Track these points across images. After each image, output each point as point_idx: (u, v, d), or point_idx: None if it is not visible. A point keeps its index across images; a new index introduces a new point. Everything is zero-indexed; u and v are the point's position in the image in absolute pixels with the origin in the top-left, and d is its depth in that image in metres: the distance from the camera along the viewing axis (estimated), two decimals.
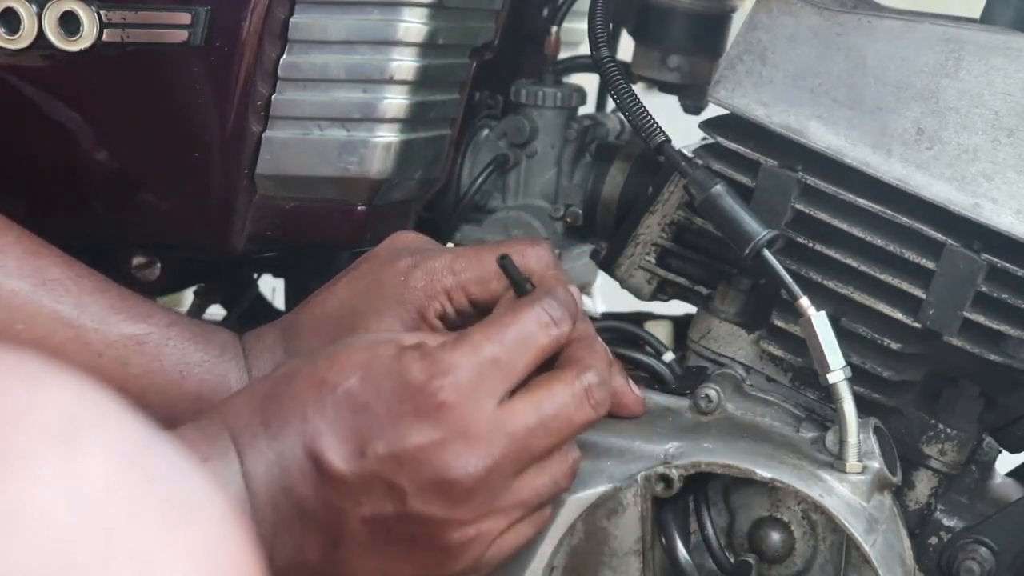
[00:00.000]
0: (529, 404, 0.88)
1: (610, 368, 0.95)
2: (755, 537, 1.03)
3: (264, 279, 1.37)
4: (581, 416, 0.90)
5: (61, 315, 0.97)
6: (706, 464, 0.98)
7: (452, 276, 0.97)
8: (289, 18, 1.04)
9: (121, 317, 0.98)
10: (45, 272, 0.97)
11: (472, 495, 0.87)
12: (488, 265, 0.97)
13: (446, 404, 0.86)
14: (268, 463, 0.86)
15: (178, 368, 0.99)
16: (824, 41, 1.01)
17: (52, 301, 0.97)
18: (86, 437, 0.54)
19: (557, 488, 0.92)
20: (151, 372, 0.98)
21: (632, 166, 1.20)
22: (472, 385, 0.86)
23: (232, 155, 1.04)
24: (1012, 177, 0.97)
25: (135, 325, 0.99)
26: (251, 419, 0.87)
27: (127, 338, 0.98)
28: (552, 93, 1.22)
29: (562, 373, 0.90)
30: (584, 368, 0.91)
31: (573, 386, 0.90)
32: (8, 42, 1.02)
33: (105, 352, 0.97)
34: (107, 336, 0.98)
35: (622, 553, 1.00)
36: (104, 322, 0.98)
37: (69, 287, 0.97)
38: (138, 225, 1.09)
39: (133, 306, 0.99)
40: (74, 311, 0.97)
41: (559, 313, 0.90)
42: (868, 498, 0.98)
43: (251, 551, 0.57)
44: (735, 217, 1.00)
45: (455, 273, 0.98)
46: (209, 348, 1.00)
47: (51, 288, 0.97)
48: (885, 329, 1.01)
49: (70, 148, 1.06)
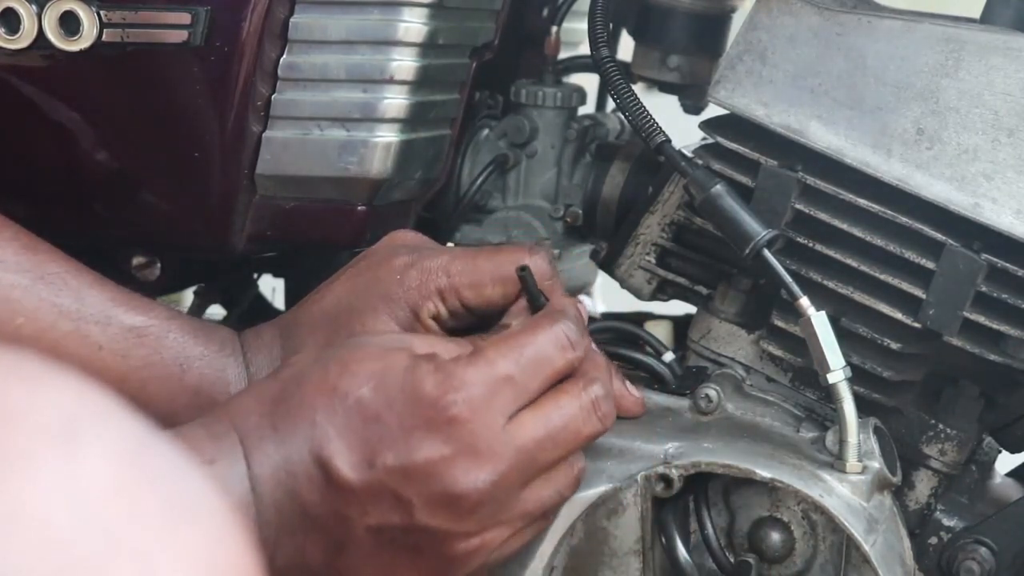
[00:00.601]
0: (538, 418, 0.89)
1: (611, 377, 0.95)
2: (755, 537, 1.03)
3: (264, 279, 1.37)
4: (589, 429, 0.91)
5: (61, 308, 0.97)
6: (706, 464, 0.98)
7: (447, 278, 0.97)
8: (289, 18, 1.04)
9: (121, 310, 0.98)
10: (44, 267, 0.97)
11: (479, 508, 0.87)
12: (484, 270, 0.97)
13: (457, 419, 0.86)
14: (275, 466, 0.86)
15: (178, 361, 0.99)
16: (824, 41, 1.01)
17: (52, 295, 0.97)
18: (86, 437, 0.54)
19: (561, 498, 0.92)
20: (151, 365, 0.98)
21: (632, 166, 1.20)
22: (484, 402, 0.87)
23: (232, 155, 1.04)
24: (1012, 177, 0.97)
25: (135, 318, 0.99)
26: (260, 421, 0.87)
27: (127, 330, 0.98)
28: (552, 93, 1.22)
29: (569, 386, 0.91)
30: (590, 381, 0.91)
31: (580, 399, 0.90)
32: (8, 42, 1.02)
33: (106, 345, 0.97)
34: (107, 329, 0.98)
35: (622, 553, 1.00)
36: (104, 315, 0.98)
37: (68, 281, 0.97)
38: (138, 225, 1.09)
39: (132, 299, 1.00)
40: (74, 304, 0.97)
41: (576, 336, 0.91)
42: (868, 498, 0.98)
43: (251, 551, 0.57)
44: (735, 217, 1.00)
45: (450, 275, 0.98)
46: (209, 343, 1.00)
47: (50, 282, 0.97)
48: (885, 329, 1.01)
49: (70, 148, 1.06)
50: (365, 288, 0.98)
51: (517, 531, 0.91)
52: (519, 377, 0.88)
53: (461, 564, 0.89)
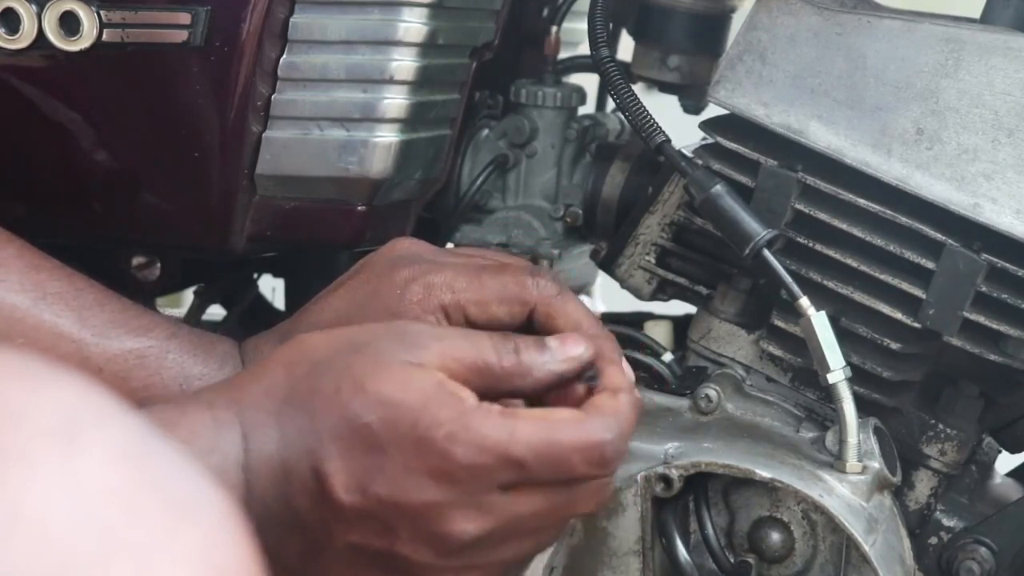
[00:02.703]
0: (542, 496, 0.86)
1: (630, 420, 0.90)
2: (755, 537, 1.03)
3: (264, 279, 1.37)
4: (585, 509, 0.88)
5: (62, 329, 0.97)
6: (706, 464, 0.98)
7: (451, 294, 0.96)
8: (289, 18, 1.03)
9: (122, 331, 0.99)
10: (45, 286, 0.97)
11: (462, 552, 0.87)
12: (490, 289, 0.96)
13: (460, 476, 0.84)
14: (272, 465, 0.86)
15: (178, 381, 0.99)
16: (824, 41, 1.01)
17: (53, 315, 0.97)
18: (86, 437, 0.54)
19: (541, 549, 0.91)
20: (151, 386, 0.99)
21: (632, 166, 1.20)
22: (490, 472, 0.85)
23: (232, 155, 1.04)
24: (1012, 177, 0.97)
25: (136, 339, 0.99)
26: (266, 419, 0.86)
27: (127, 352, 0.98)
28: (552, 93, 1.22)
29: None
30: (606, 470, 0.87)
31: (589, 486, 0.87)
32: (8, 42, 1.02)
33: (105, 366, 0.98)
34: (107, 350, 0.98)
35: (622, 553, 1.00)
36: (104, 336, 0.98)
37: (69, 301, 0.98)
38: (138, 225, 1.09)
39: (134, 319, 1.00)
40: (74, 325, 0.97)
41: (613, 453, 0.85)
42: (868, 498, 0.98)
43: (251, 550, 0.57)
44: (735, 217, 1.00)
45: (454, 292, 0.96)
46: (209, 360, 1.00)
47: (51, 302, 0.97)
48: (885, 329, 1.01)
49: (70, 148, 1.06)
50: (365, 302, 0.98)
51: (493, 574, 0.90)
52: (532, 467, 0.85)
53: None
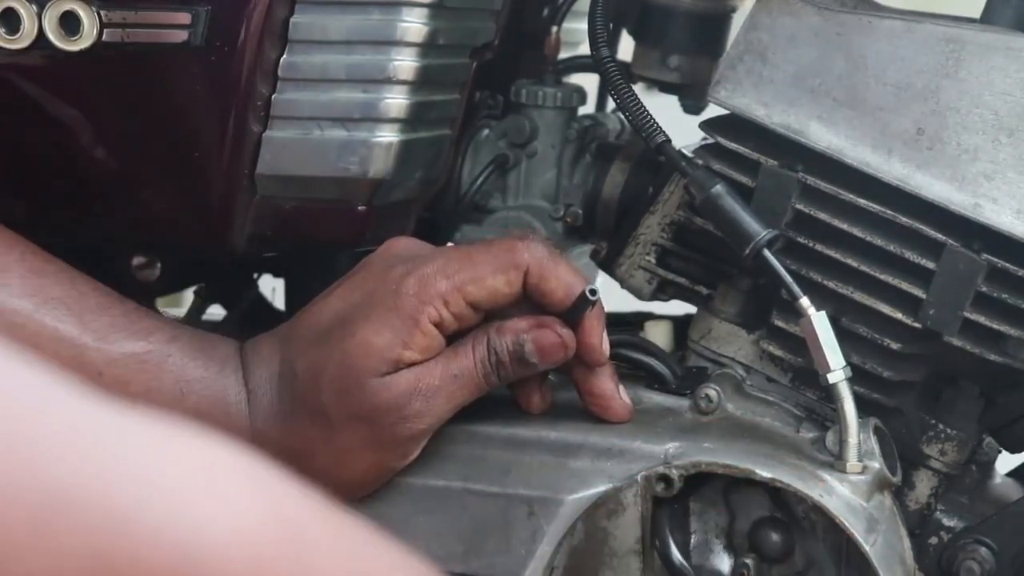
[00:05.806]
0: None
1: None
2: (755, 537, 1.03)
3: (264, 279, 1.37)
4: None
5: (63, 335, 0.98)
6: (706, 464, 0.98)
7: (446, 280, 0.97)
8: (289, 18, 1.03)
9: (122, 335, 0.99)
10: (47, 291, 0.98)
11: None
12: (482, 262, 0.97)
13: None
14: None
15: (178, 386, 1.00)
16: (824, 41, 1.01)
17: (54, 321, 0.98)
18: None
19: None
20: (151, 391, 0.99)
21: (632, 166, 1.19)
22: None
23: (232, 155, 1.04)
24: (1012, 177, 0.97)
25: (136, 343, 1.00)
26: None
27: (128, 357, 0.99)
28: (552, 93, 1.22)
29: None
30: None
31: None
32: (8, 42, 1.02)
33: (106, 371, 0.99)
34: (108, 355, 0.99)
35: (622, 553, 1.00)
36: (105, 341, 0.99)
37: (71, 305, 0.98)
38: (138, 225, 1.09)
39: (134, 322, 1.00)
40: (75, 330, 0.98)
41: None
42: (868, 498, 0.98)
43: None
44: (735, 217, 1.00)
45: (448, 276, 0.97)
46: (209, 364, 1.01)
47: (53, 307, 0.98)
48: (885, 329, 1.01)
49: (70, 148, 1.06)
50: (361, 303, 0.99)
51: None
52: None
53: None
